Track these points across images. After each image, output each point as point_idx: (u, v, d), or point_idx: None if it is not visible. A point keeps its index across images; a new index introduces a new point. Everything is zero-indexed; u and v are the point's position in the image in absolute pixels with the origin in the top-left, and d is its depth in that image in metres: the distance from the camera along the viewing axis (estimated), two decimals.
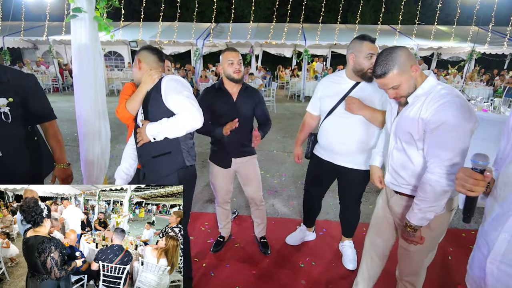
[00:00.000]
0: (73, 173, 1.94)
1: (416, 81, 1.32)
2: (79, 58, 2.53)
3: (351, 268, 2.23)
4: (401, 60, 1.26)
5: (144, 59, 1.66)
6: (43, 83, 11.93)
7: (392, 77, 1.27)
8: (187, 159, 1.65)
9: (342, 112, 1.95)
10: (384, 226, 1.66)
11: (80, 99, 2.62)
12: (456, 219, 3.03)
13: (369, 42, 1.82)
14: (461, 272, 2.25)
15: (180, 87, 1.55)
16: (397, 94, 1.32)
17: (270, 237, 2.59)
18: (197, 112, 1.50)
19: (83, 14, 2.44)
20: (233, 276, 2.16)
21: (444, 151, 1.20)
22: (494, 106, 3.21)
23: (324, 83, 2.11)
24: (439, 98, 1.23)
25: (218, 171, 2.24)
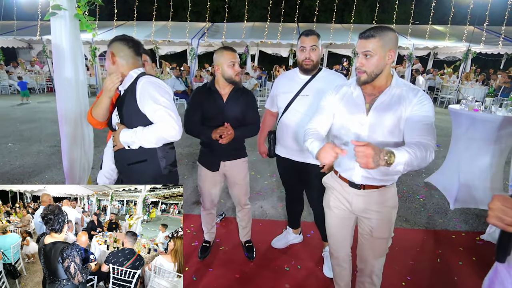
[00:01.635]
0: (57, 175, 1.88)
1: (385, 70, 1.34)
2: (59, 58, 2.47)
3: (331, 276, 2.12)
4: (388, 37, 1.30)
5: (118, 53, 1.50)
6: (37, 83, 11.85)
7: (373, 43, 1.29)
8: (164, 167, 1.58)
9: (298, 107, 1.99)
10: (345, 224, 1.63)
11: (62, 98, 2.55)
12: (447, 220, 2.99)
13: (304, 36, 1.91)
14: (450, 276, 2.21)
15: (157, 93, 1.42)
16: (363, 66, 1.32)
17: (257, 239, 2.53)
18: (175, 124, 1.39)
19: (63, 12, 2.38)
20: (216, 281, 2.11)
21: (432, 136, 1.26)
22: (485, 105, 3.17)
23: (279, 80, 2.17)
24: (413, 90, 1.34)
25: (206, 174, 2.17)
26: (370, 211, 1.49)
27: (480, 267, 2.30)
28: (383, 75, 1.35)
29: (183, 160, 4.57)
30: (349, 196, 1.52)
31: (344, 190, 1.53)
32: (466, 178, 3.22)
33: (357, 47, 1.34)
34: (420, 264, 2.32)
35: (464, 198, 3.21)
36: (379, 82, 1.37)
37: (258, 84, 9.60)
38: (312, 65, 1.93)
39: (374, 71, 1.32)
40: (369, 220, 1.51)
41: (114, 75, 1.49)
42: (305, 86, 1.99)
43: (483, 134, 3.06)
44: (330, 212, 1.64)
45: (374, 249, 1.57)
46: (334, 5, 11.21)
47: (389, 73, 1.38)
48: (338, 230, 1.65)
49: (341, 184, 1.55)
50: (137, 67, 1.56)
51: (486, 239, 2.64)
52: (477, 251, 2.51)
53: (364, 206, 1.50)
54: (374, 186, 1.46)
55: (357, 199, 1.50)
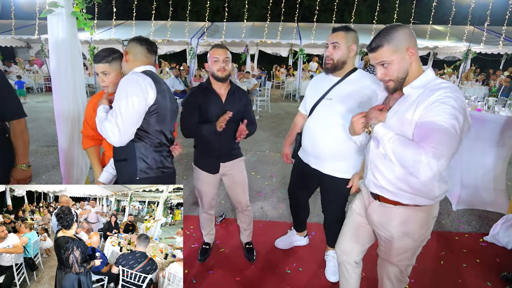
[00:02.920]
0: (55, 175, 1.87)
1: (411, 69, 1.21)
2: (56, 56, 2.43)
3: (333, 280, 2.10)
4: (398, 37, 1.17)
5: (131, 50, 1.55)
6: (36, 82, 11.77)
7: (383, 52, 1.18)
8: (141, 171, 1.52)
9: (320, 113, 1.87)
10: (361, 231, 1.54)
11: (59, 98, 2.51)
12: (450, 221, 2.95)
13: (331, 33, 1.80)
14: (454, 278, 2.18)
15: (124, 92, 1.40)
16: (386, 75, 1.21)
17: (258, 241, 2.49)
18: (115, 131, 1.38)
19: (60, 9, 2.34)
20: (215, 283, 2.07)
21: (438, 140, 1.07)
22: (488, 105, 3.14)
23: (311, 81, 2.07)
24: (438, 90, 1.13)
25: (204, 177, 2.10)
26: (381, 227, 1.38)
27: (484, 269, 2.27)
28: (412, 75, 1.22)
29: (182, 160, 4.52)
30: (368, 203, 1.45)
31: (367, 197, 1.47)
32: (469, 178, 3.18)
33: (371, 59, 1.24)
34: (424, 266, 2.28)
35: (467, 199, 3.18)
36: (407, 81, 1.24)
37: (258, 84, 9.56)
38: (332, 64, 1.78)
39: (399, 76, 1.20)
40: (379, 237, 1.44)
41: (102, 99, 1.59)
42: (332, 89, 1.83)
43: (486, 134, 3.02)
44: (350, 214, 1.58)
45: (384, 269, 1.50)
46: (334, 5, 11.17)
47: (417, 72, 1.22)
48: (349, 235, 1.57)
49: (366, 190, 1.47)
50: (148, 64, 1.58)
51: (490, 241, 2.60)
52: (481, 252, 2.47)
53: (377, 220, 1.40)
54: (390, 201, 1.31)
55: (372, 210, 1.41)
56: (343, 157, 1.84)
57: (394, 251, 1.37)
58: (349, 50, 1.76)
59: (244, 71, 10.54)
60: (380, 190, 1.34)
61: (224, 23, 12.08)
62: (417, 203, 1.28)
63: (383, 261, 1.48)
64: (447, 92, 1.11)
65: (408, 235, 1.32)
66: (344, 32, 1.75)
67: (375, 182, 1.35)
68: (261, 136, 5.90)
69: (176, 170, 1.79)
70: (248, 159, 4.58)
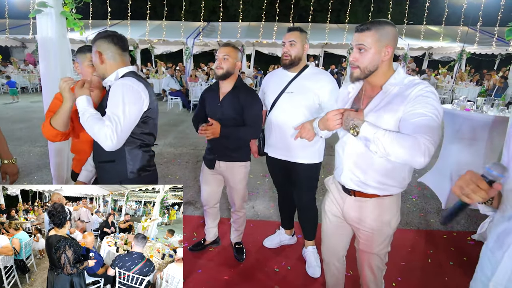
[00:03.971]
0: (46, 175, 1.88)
1: (382, 66, 1.25)
2: (46, 56, 2.43)
3: (314, 275, 2.13)
4: (385, 32, 1.22)
5: (105, 51, 1.45)
6: (30, 82, 11.71)
7: (368, 36, 1.21)
8: (130, 171, 1.53)
9: (283, 105, 2.00)
10: (340, 229, 1.55)
11: (49, 97, 2.50)
12: (438, 219, 2.98)
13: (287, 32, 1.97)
14: (440, 275, 2.20)
15: (121, 100, 1.36)
16: (357, 60, 1.24)
17: (248, 240, 2.51)
18: (113, 138, 1.33)
19: (49, 9, 2.34)
20: (204, 282, 2.08)
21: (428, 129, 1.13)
22: (477, 105, 3.17)
23: (266, 79, 2.21)
24: (416, 85, 1.20)
25: (206, 170, 2.20)
26: (360, 221, 1.40)
27: (471, 267, 2.27)
28: (379, 73, 1.26)
29: (176, 160, 4.53)
30: (342, 202, 1.45)
31: (339, 195, 1.47)
32: (458, 177, 3.21)
33: (352, 40, 1.27)
34: (411, 264, 2.31)
35: (456, 198, 3.19)
36: (375, 80, 1.28)
37: (254, 83, 9.58)
38: (289, 60, 1.94)
39: (368, 67, 1.23)
40: (357, 230, 1.45)
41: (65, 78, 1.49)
42: (290, 83, 1.99)
43: (474, 133, 3.06)
44: (325, 216, 1.58)
45: (365, 261, 1.50)
46: (330, 5, 11.21)
47: (388, 71, 1.27)
48: (330, 236, 1.59)
49: (337, 188, 1.48)
50: (126, 64, 1.52)
51: (477, 239, 2.64)
52: (468, 251, 2.51)
53: (354, 215, 1.41)
54: (366, 195, 1.35)
55: (348, 206, 1.42)
56: (310, 144, 1.90)
57: (376, 241, 1.41)
58: (303, 48, 1.96)
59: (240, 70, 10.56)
60: (361, 187, 1.35)
61: (220, 23, 12.09)
62: (391, 193, 1.35)
63: (364, 254, 1.49)
64: (426, 87, 1.19)
65: (386, 224, 1.38)
66: (299, 32, 1.95)
67: (355, 180, 1.35)
68: None
69: (170, 170, 1.80)
70: None
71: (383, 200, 1.35)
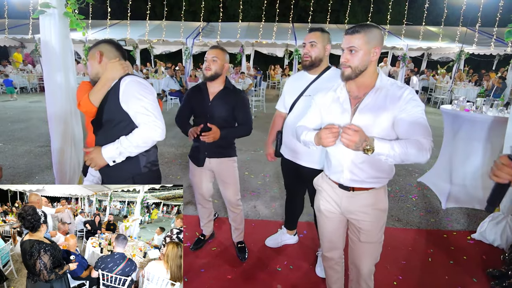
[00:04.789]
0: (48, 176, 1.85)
1: (371, 66, 1.34)
2: (48, 56, 2.44)
3: (323, 276, 2.13)
4: (373, 34, 1.31)
5: (107, 54, 1.54)
6: (30, 82, 11.68)
7: (358, 38, 1.30)
8: (143, 165, 1.56)
9: (300, 109, 1.96)
10: (337, 227, 1.60)
11: (51, 98, 2.52)
12: (438, 219, 3.01)
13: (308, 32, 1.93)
14: (441, 275, 2.23)
15: (143, 91, 1.43)
16: (348, 61, 1.33)
17: (250, 239, 2.52)
18: (160, 124, 1.40)
19: (52, 10, 2.35)
20: (207, 282, 2.09)
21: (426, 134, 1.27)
22: (476, 106, 3.20)
23: (288, 80, 2.19)
24: (402, 88, 1.33)
25: (195, 169, 2.22)
26: (359, 212, 1.47)
27: (471, 266, 2.32)
28: (368, 73, 1.35)
29: (176, 160, 4.54)
30: (338, 197, 1.50)
31: (334, 192, 1.52)
32: (458, 177, 3.24)
33: (343, 43, 1.35)
34: (412, 263, 2.33)
35: (456, 197, 3.24)
36: (363, 80, 1.36)
37: (253, 84, 9.59)
38: (310, 61, 1.90)
39: (358, 67, 1.32)
40: (357, 222, 1.49)
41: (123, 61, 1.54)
42: (310, 85, 1.95)
43: (474, 134, 3.08)
44: (321, 215, 1.62)
45: (362, 253, 1.54)
46: (329, 6, 11.23)
47: (374, 72, 1.37)
48: (330, 233, 1.63)
49: (331, 186, 1.53)
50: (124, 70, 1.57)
51: (477, 238, 2.66)
52: (468, 250, 2.53)
53: (353, 208, 1.47)
54: (364, 188, 1.44)
55: (346, 201, 1.48)
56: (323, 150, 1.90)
57: (375, 230, 1.48)
58: (325, 49, 1.90)
59: (240, 71, 10.56)
60: (360, 184, 1.43)
61: (219, 23, 12.08)
62: (384, 183, 1.48)
63: (364, 245, 1.51)
64: (412, 91, 1.33)
65: (383, 211, 1.49)
66: (320, 32, 1.91)
67: (354, 179, 1.43)
68: (255, 136, 5.90)
69: (171, 170, 1.83)
70: (242, 158, 4.61)
71: (378, 190, 1.46)
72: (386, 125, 1.31)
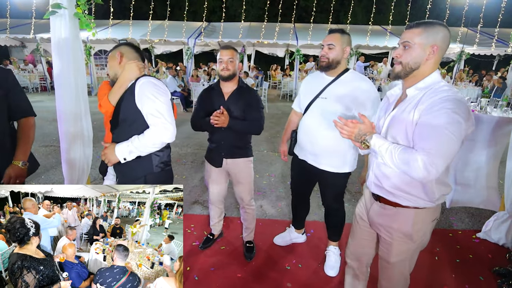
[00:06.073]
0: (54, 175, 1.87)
1: (425, 66, 1.23)
2: (59, 56, 2.45)
3: (332, 274, 2.18)
4: (433, 31, 1.20)
5: (127, 55, 1.60)
6: (31, 82, 11.68)
7: (414, 33, 1.21)
8: (156, 165, 1.59)
9: (315, 111, 1.96)
10: (366, 235, 1.56)
11: (61, 98, 2.54)
12: (443, 219, 3.04)
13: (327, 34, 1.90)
14: (448, 273, 2.25)
15: (156, 93, 1.47)
16: (400, 56, 1.25)
17: (257, 238, 2.54)
18: (169, 126, 1.44)
19: (63, 10, 2.36)
20: (218, 280, 2.12)
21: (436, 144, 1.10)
22: (480, 106, 3.23)
23: (305, 80, 2.18)
24: (440, 92, 1.16)
25: (211, 169, 2.23)
26: (380, 226, 1.41)
27: (477, 264, 2.35)
28: (419, 73, 1.24)
29: (181, 160, 4.56)
30: (369, 206, 1.48)
31: (369, 200, 1.49)
32: (462, 177, 3.26)
33: (402, 37, 1.26)
34: (419, 262, 2.31)
35: (460, 197, 3.26)
36: (413, 81, 1.26)
37: (255, 84, 9.61)
38: (327, 62, 1.87)
39: (409, 63, 1.23)
40: (380, 237, 1.46)
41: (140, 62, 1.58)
42: (326, 88, 1.93)
43: (478, 134, 3.11)
44: (354, 218, 1.61)
45: (381, 268, 1.50)
46: (331, 6, 11.26)
47: (429, 71, 1.24)
48: (356, 239, 1.60)
49: (368, 192, 1.50)
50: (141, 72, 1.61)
51: (482, 237, 2.69)
52: (474, 249, 2.56)
53: (377, 221, 1.42)
54: (391, 202, 1.34)
55: (373, 212, 1.44)
56: (339, 153, 1.95)
57: (394, 252, 1.39)
58: (343, 51, 1.87)
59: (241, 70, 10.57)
60: (381, 191, 1.37)
61: (221, 23, 12.10)
62: (417, 205, 1.29)
63: (383, 262, 1.49)
64: (448, 95, 1.13)
65: (407, 236, 1.34)
66: (339, 34, 1.87)
67: (377, 183, 1.38)
68: (259, 136, 5.95)
69: (176, 170, 1.84)
70: None
71: (407, 211, 1.31)
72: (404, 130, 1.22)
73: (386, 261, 1.45)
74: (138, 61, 1.58)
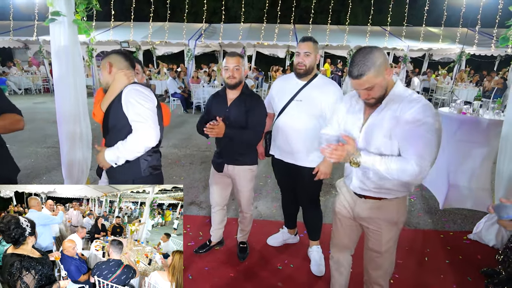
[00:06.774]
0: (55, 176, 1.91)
1: (388, 84, 1.35)
2: (59, 62, 2.53)
3: (317, 274, 2.24)
4: (378, 62, 1.25)
5: (116, 64, 1.65)
6: (34, 83, 11.83)
7: (368, 79, 1.26)
8: (144, 169, 1.65)
9: (291, 113, 2.08)
10: (349, 229, 1.65)
11: (60, 101, 2.62)
12: (436, 219, 3.08)
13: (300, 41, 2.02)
14: (437, 274, 2.30)
15: (139, 99, 1.53)
16: (369, 96, 1.33)
17: (251, 239, 2.60)
18: (151, 131, 1.49)
19: (62, 17, 2.44)
20: (211, 279, 2.18)
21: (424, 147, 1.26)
22: (473, 108, 3.26)
23: (275, 84, 2.28)
24: (413, 101, 1.30)
25: (215, 174, 2.28)
26: (369, 219, 1.52)
27: (466, 265, 2.39)
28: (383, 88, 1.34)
29: (180, 161, 4.63)
30: (353, 203, 1.57)
31: (351, 197, 1.58)
32: (455, 179, 3.31)
33: (354, 85, 1.33)
34: (409, 262, 2.40)
35: (453, 198, 3.31)
36: None
37: (255, 85, 9.67)
38: (304, 69, 2.01)
39: (381, 94, 1.34)
40: (367, 229, 1.55)
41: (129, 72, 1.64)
42: (300, 91, 2.07)
43: (470, 136, 3.15)
44: (335, 217, 1.70)
45: (370, 260, 1.59)
46: (330, 7, 11.30)
47: (391, 83, 1.37)
48: (341, 237, 1.69)
49: (348, 190, 1.60)
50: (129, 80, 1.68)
51: (473, 239, 2.73)
52: (464, 250, 2.60)
53: (364, 214, 1.52)
54: (376, 198, 1.48)
55: (359, 206, 1.54)
56: (315, 149, 2.05)
57: (384, 240, 1.51)
58: (316, 58, 2.05)
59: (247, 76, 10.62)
60: (367, 192, 1.49)
61: (221, 24, 12.17)
62: (398, 195, 1.47)
63: (372, 253, 1.57)
64: (422, 104, 1.28)
65: (393, 224, 1.49)
66: (312, 42, 2.03)
67: (363, 187, 1.49)
68: None
69: (175, 171, 1.89)
70: None
71: (390, 201, 1.47)
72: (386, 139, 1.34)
73: (377, 252, 1.54)
74: (127, 69, 1.65)
